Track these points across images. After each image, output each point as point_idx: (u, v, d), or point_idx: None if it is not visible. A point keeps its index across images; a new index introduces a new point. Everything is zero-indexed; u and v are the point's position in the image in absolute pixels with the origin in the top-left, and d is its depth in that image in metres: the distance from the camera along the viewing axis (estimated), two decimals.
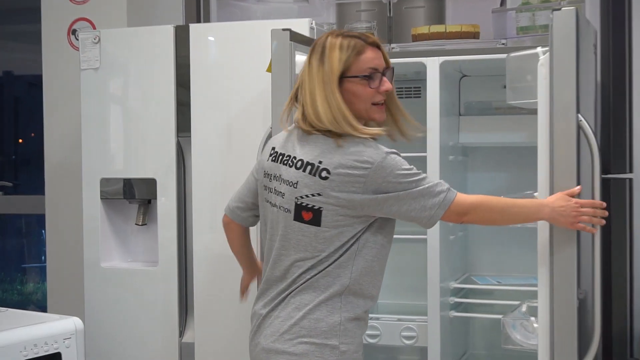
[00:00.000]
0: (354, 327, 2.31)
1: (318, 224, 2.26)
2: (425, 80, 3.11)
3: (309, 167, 2.27)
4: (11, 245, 5.59)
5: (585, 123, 2.45)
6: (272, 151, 2.40)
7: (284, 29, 2.70)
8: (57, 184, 3.94)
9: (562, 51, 2.42)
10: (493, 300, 3.33)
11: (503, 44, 3.28)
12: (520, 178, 3.41)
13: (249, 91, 3.20)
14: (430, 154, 3.11)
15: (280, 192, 2.33)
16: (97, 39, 3.39)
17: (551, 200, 2.40)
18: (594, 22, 3.30)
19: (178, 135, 3.33)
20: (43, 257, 4.89)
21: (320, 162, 2.26)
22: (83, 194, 3.45)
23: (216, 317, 3.28)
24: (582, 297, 2.48)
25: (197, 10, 3.87)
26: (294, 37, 2.79)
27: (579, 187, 2.40)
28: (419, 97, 3.50)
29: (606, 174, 3.20)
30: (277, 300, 2.33)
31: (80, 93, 3.44)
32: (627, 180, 3.36)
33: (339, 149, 2.26)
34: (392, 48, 3.36)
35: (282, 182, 2.32)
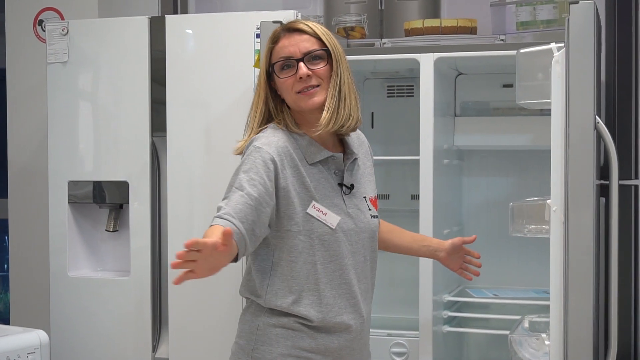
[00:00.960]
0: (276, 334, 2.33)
1: None
2: (418, 78, 3.09)
3: None
4: None
5: (603, 126, 2.40)
6: None
7: (274, 22, 2.61)
8: (21, 186, 3.92)
9: (580, 47, 2.35)
10: (489, 315, 3.35)
11: (502, 39, 3.25)
12: (520, 184, 3.58)
13: (231, 88, 3.17)
14: (423, 158, 3.07)
15: None
16: (66, 30, 3.36)
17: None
18: None
19: (152, 135, 3.29)
20: (5, 266, 5.04)
21: None
22: (49, 197, 3.42)
23: (192, 331, 3.23)
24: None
25: (174, 1, 3.87)
26: None
27: None
28: (412, 96, 3.51)
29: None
30: None
31: (46, 88, 3.41)
32: (633, 187, 3.30)
33: None
34: (384, 43, 3.34)
35: None
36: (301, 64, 2.30)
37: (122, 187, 3.31)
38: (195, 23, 3.28)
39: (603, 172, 2.68)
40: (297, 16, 3.02)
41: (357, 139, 2.50)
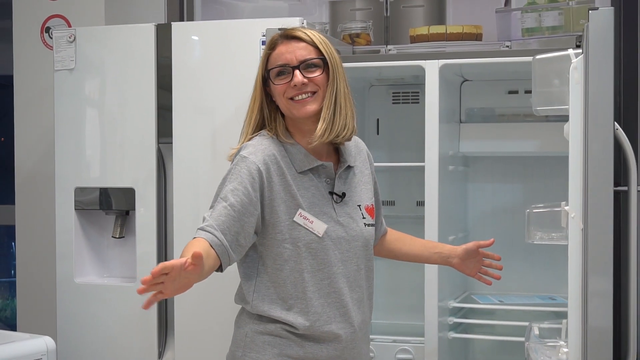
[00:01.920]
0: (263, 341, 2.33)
1: None
2: (423, 84, 3.09)
3: None
4: None
5: (622, 132, 2.39)
6: None
7: (280, 29, 2.59)
8: (28, 192, 3.91)
9: (599, 54, 2.31)
10: (495, 321, 3.31)
11: (507, 46, 3.26)
12: (526, 190, 3.53)
13: (236, 95, 3.14)
14: (428, 164, 3.06)
15: None
16: (73, 37, 3.35)
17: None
18: None
19: (159, 142, 3.28)
20: (13, 272, 4.97)
21: None
22: (56, 204, 3.40)
23: (198, 337, 3.22)
24: None
25: (180, 8, 3.84)
26: None
27: None
28: (417, 102, 3.52)
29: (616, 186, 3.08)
30: None
31: (53, 95, 3.40)
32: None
33: None
34: (389, 50, 3.36)
35: None
36: (296, 72, 2.29)
37: (128, 193, 3.29)
38: (201, 30, 3.27)
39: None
40: (302, 23, 3.01)
41: (355, 147, 2.48)
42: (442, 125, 3.08)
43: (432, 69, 3.02)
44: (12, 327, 4.10)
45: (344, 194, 2.37)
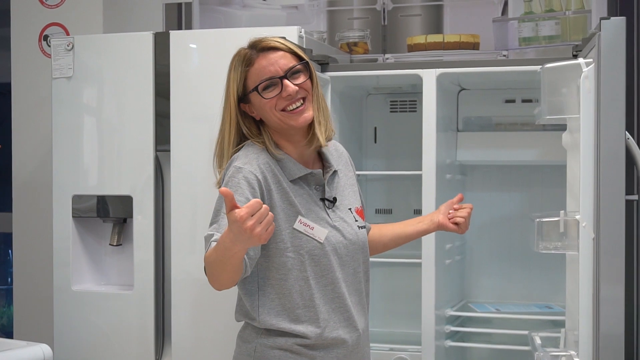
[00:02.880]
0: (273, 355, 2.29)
1: None
2: (421, 93, 3.10)
3: None
4: None
5: (633, 141, 2.40)
6: None
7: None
8: (25, 200, 3.90)
9: (611, 63, 2.30)
10: (492, 329, 3.32)
11: (504, 55, 3.29)
12: (523, 199, 3.54)
13: None
14: (425, 173, 3.07)
15: None
16: (71, 45, 3.33)
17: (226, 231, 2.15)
18: None
19: (156, 150, 3.27)
20: (9, 279, 4.95)
21: None
22: (53, 211, 3.36)
23: (195, 345, 3.20)
24: None
25: (178, 17, 3.84)
26: None
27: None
28: (415, 111, 3.53)
29: None
30: None
31: (51, 103, 3.38)
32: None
33: None
34: (387, 58, 3.38)
35: None
36: (285, 81, 2.26)
37: (126, 201, 3.28)
38: (199, 38, 3.26)
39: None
40: (300, 32, 3.01)
41: (336, 151, 2.48)
42: (439, 134, 3.08)
43: (429, 78, 3.03)
44: (9, 334, 4.09)
45: (335, 199, 2.37)
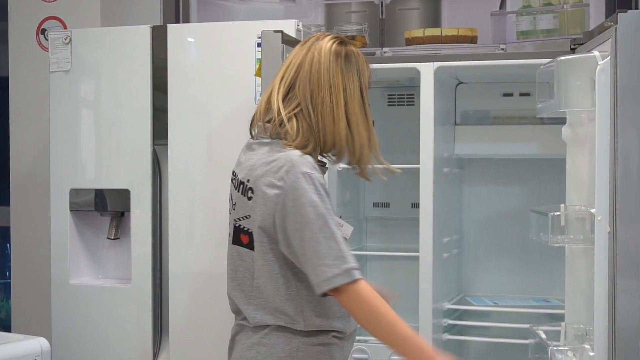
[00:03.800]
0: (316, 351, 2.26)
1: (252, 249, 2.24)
2: (419, 87, 3.10)
3: (241, 187, 2.25)
4: None
5: None
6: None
7: (275, 31, 2.62)
8: (23, 194, 3.89)
9: (628, 56, 2.30)
10: (489, 323, 3.32)
11: (502, 49, 3.27)
12: (521, 192, 3.54)
13: (232, 96, 3.14)
14: (423, 166, 3.08)
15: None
16: (68, 39, 3.34)
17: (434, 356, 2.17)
18: None
19: (154, 143, 3.27)
20: (7, 273, 4.99)
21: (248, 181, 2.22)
22: (51, 205, 3.39)
23: (193, 339, 3.21)
24: None
25: (176, 10, 3.82)
26: (286, 39, 2.72)
27: None
28: (412, 104, 3.52)
29: None
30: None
31: (49, 97, 3.38)
32: None
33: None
34: (384, 52, 3.36)
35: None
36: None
37: (124, 195, 3.28)
38: (197, 32, 3.26)
39: None
40: (298, 25, 3.01)
41: None
42: (437, 128, 3.08)
43: (427, 72, 3.03)
44: (7, 328, 4.07)
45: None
